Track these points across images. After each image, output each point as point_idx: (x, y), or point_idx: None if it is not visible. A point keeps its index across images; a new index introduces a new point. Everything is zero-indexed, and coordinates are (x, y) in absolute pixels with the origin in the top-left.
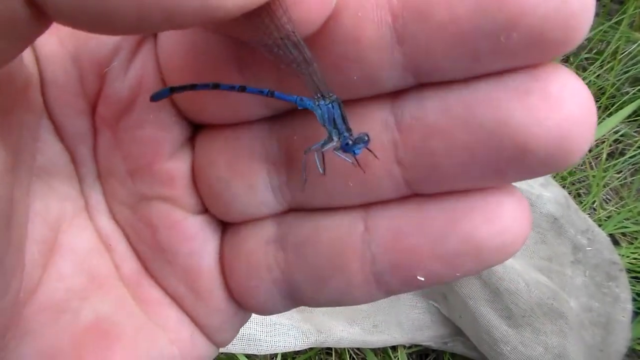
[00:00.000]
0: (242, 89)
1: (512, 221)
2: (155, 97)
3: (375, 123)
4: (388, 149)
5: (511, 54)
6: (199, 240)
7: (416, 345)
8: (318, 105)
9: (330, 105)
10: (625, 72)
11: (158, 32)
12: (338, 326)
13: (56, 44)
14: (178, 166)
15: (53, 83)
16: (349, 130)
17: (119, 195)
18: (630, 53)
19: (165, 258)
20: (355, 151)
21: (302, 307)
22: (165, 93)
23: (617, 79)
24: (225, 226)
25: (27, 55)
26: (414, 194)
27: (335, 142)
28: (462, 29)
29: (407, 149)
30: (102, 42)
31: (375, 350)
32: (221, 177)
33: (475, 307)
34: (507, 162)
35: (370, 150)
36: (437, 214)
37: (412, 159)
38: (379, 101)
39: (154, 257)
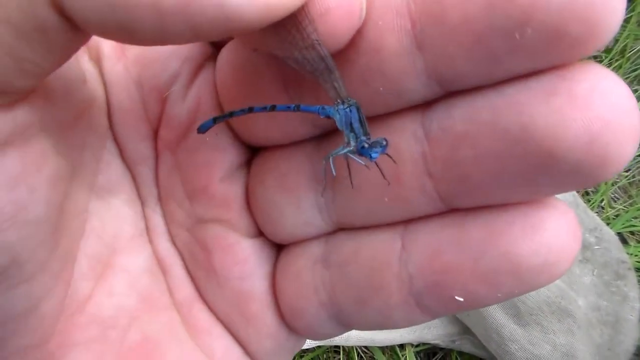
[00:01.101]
0: (273, 107)
1: (554, 237)
2: (201, 129)
3: (405, 136)
4: (418, 162)
5: (530, 53)
6: (251, 264)
7: (424, 344)
8: (337, 110)
9: (348, 110)
10: (634, 70)
11: (184, 43)
12: None
13: (122, 70)
14: (233, 188)
15: (118, 107)
16: (366, 134)
17: (178, 217)
18: (638, 51)
19: (218, 282)
20: (372, 155)
21: None
22: (209, 124)
23: (626, 77)
24: (279, 250)
25: (94, 79)
26: (452, 209)
27: (352, 147)
28: (476, 29)
29: (437, 160)
30: (162, 68)
31: (383, 349)
32: (270, 196)
33: None
34: (536, 170)
35: (389, 156)
36: (474, 230)
37: (442, 171)
38: (410, 114)
39: (207, 281)
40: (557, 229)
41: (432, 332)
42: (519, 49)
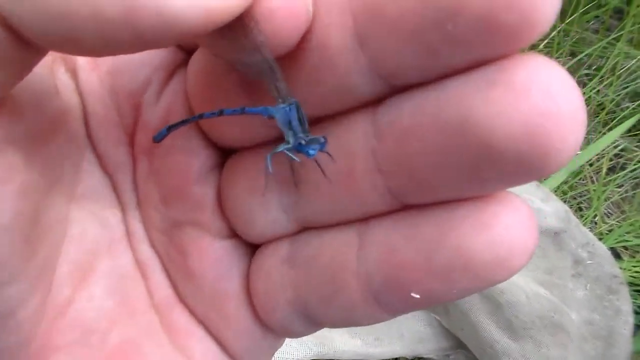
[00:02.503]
0: (221, 112)
1: (506, 233)
2: (155, 138)
3: (356, 133)
4: (369, 158)
5: (465, 44)
6: (225, 264)
7: (418, 358)
8: (277, 109)
9: (287, 108)
10: (625, 88)
11: (133, 52)
12: (339, 338)
13: (96, 80)
14: (206, 191)
15: (95, 116)
16: (305, 132)
17: (155, 222)
18: (629, 69)
19: (195, 283)
20: (310, 152)
21: None
22: (164, 132)
23: (617, 94)
24: (254, 250)
25: (69, 91)
26: (407, 206)
27: (290, 144)
28: (412, 22)
29: (386, 156)
30: (135, 76)
31: None
32: (239, 197)
33: (476, 320)
34: (479, 162)
35: (329, 154)
36: (427, 227)
37: (391, 167)
38: (361, 111)
39: (185, 283)
40: (510, 224)
41: (426, 346)
42: (454, 41)
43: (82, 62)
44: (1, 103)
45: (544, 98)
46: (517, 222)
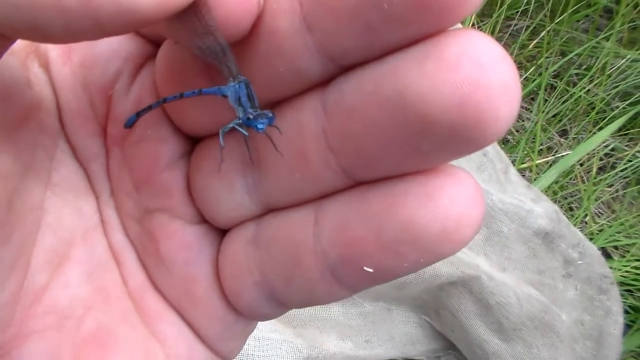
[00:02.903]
0: (181, 95)
1: (451, 204)
2: (126, 124)
3: (307, 112)
4: (320, 137)
5: (401, 21)
6: (195, 249)
7: None
8: (228, 88)
9: (237, 86)
10: (615, 87)
11: (95, 38)
12: (330, 341)
13: (69, 73)
14: (175, 177)
15: (67, 108)
16: (254, 108)
17: (128, 209)
18: (619, 68)
19: (166, 268)
20: (258, 126)
21: (293, 322)
22: (133, 119)
23: (607, 93)
24: (223, 235)
25: (42, 84)
26: (357, 182)
27: (240, 120)
28: (352, 3)
29: (335, 134)
30: (105, 68)
31: None
32: (206, 182)
33: (466, 321)
34: (418, 136)
35: (277, 128)
36: (375, 202)
37: (340, 145)
38: (311, 92)
39: (157, 269)
40: (454, 196)
41: (416, 348)
42: (390, 19)
43: (55, 56)
44: None
45: (474, 69)
46: (462, 194)
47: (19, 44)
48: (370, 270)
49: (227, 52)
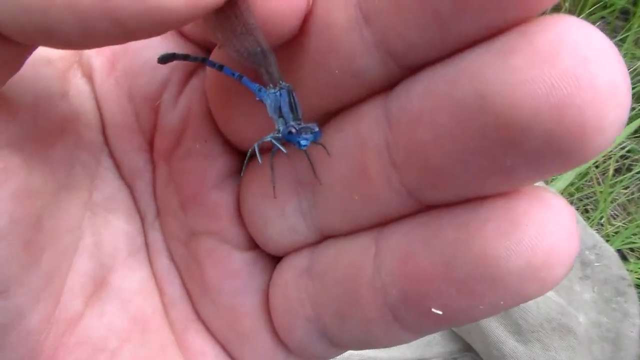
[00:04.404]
0: (221, 67)
1: (538, 235)
2: (160, 59)
3: (368, 122)
4: (382, 151)
5: (477, 9)
6: (243, 278)
7: None
8: (267, 94)
9: (277, 93)
10: (632, 89)
11: (118, 43)
12: None
13: (113, 84)
14: (223, 197)
15: (112, 122)
16: (297, 120)
17: (174, 231)
18: (635, 70)
19: (211, 298)
20: (301, 142)
21: None
22: (167, 56)
23: None
24: (276, 263)
25: (83, 96)
26: (425, 206)
27: (279, 133)
28: None
29: (399, 146)
30: (152, 78)
31: None
32: (256, 203)
33: (484, 323)
34: (500, 147)
35: (323, 146)
36: (446, 230)
37: (404, 158)
38: (373, 99)
39: (202, 298)
40: (542, 225)
41: (433, 349)
42: (463, 6)
43: (98, 66)
44: None
45: (575, 63)
46: (553, 222)
47: (58, 54)
48: (439, 312)
49: (268, 55)
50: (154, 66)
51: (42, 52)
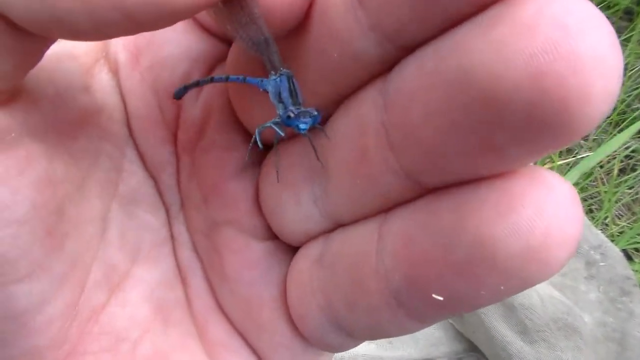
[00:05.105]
0: (227, 79)
1: (538, 215)
2: (175, 95)
3: (367, 105)
4: (380, 133)
5: None
6: (261, 268)
7: None
8: (268, 81)
9: (278, 80)
10: (635, 89)
11: (128, 34)
12: None
13: (138, 78)
14: (243, 187)
15: (136, 115)
16: (296, 104)
17: (197, 223)
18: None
19: (230, 288)
20: (300, 126)
21: None
22: (182, 90)
23: (627, 95)
24: (294, 253)
25: (107, 90)
26: (426, 190)
27: (279, 118)
28: None
29: (394, 127)
30: (174, 71)
31: None
32: (273, 192)
33: (489, 323)
34: (488, 124)
35: (322, 129)
36: (445, 211)
37: (400, 140)
38: (373, 83)
39: (222, 289)
40: (540, 205)
41: (439, 349)
42: None
43: (123, 60)
44: (14, 94)
45: (555, 31)
46: (552, 203)
47: (83, 49)
48: (440, 298)
49: (270, 43)
50: (176, 59)
51: (67, 48)
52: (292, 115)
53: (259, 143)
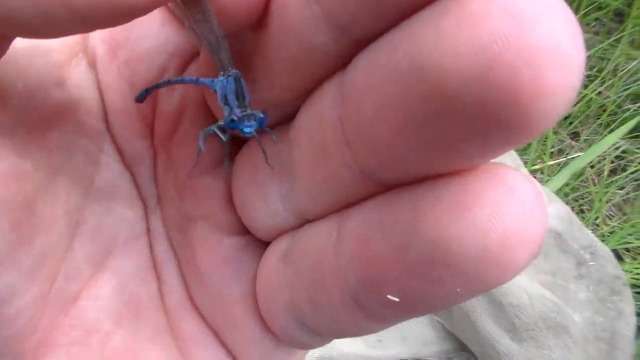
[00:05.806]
0: (182, 80)
1: (493, 216)
2: (137, 99)
3: (327, 101)
4: (337, 128)
5: None
6: (233, 264)
7: None
8: (216, 82)
9: (224, 81)
10: (626, 89)
11: (78, 32)
12: (342, 341)
13: (115, 72)
14: (215, 182)
15: (113, 107)
16: (242, 107)
17: (172, 217)
18: (630, 70)
19: (203, 283)
20: (244, 130)
21: None
22: (143, 94)
23: (618, 95)
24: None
25: (84, 84)
26: (383, 187)
27: (222, 122)
28: None
29: (349, 122)
30: (151, 65)
31: None
32: (244, 188)
33: (478, 321)
34: (438, 120)
35: (269, 130)
36: (401, 210)
37: (355, 135)
38: (334, 77)
39: (194, 283)
40: (498, 205)
41: (428, 348)
42: None
43: (102, 54)
44: None
45: (505, 20)
46: (511, 202)
47: (60, 44)
48: (396, 299)
49: (221, 42)
50: (153, 53)
51: (42, 44)
52: (235, 118)
53: (201, 146)
